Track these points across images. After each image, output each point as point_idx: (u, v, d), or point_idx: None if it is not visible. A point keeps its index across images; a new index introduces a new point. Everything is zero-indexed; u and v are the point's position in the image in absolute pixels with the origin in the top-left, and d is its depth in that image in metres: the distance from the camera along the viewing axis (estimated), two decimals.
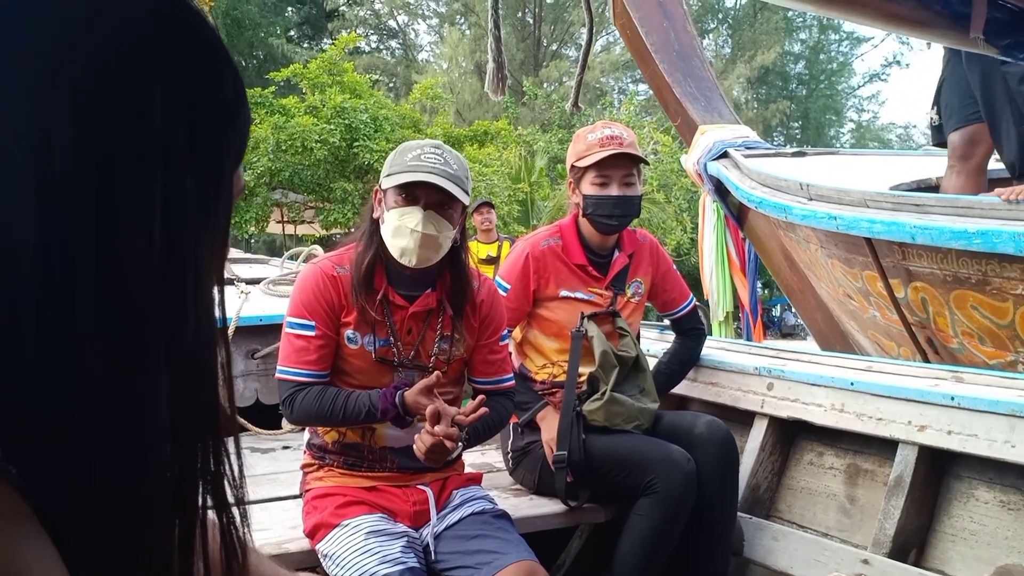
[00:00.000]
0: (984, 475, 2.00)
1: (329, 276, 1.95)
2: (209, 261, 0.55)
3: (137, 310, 0.49)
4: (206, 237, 0.54)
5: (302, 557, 1.94)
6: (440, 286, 2.01)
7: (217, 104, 0.56)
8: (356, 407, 1.89)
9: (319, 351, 1.92)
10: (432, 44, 32.44)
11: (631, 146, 2.38)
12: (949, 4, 1.87)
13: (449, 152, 1.94)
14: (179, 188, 0.51)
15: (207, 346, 0.55)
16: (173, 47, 0.52)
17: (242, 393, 3.16)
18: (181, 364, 0.52)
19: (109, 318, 0.48)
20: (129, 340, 0.49)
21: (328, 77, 14.10)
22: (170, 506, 0.52)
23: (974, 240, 2.46)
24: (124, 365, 0.48)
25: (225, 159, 0.57)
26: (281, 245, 16.82)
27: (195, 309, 0.53)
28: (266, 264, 4.16)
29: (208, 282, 0.55)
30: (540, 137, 18.56)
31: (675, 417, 2.42)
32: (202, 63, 0.55)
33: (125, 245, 0.48)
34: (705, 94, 4.28)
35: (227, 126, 0.57)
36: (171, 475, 0.52)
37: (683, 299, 2.65)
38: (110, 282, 0.48)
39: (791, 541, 2.27)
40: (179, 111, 0.51)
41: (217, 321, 0.57)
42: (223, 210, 0.57)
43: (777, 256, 4.00)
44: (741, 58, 29.23)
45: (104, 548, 0.48)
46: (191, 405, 0.53)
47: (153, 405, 0.50)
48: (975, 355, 2.74)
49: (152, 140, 0.50)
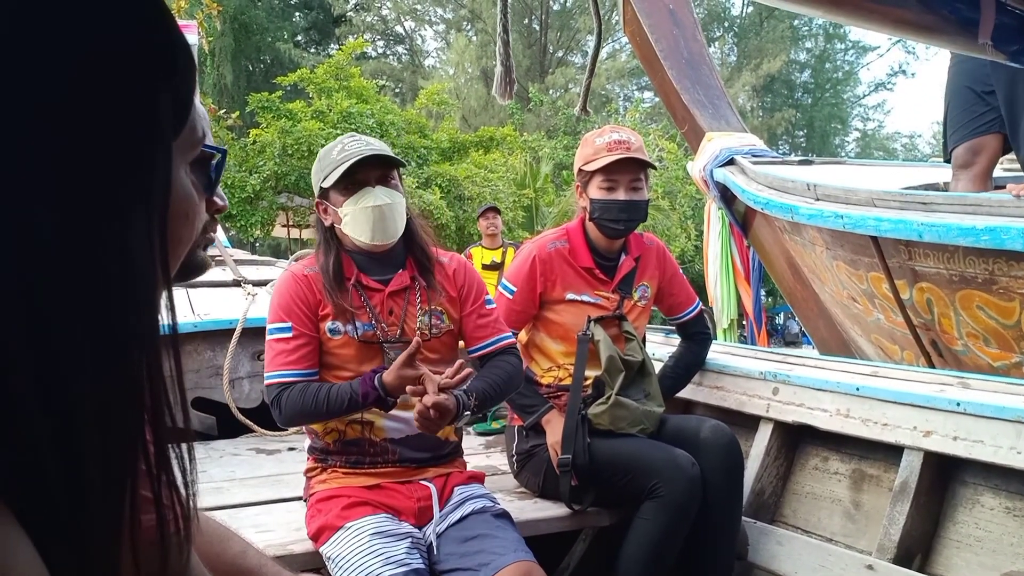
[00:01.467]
0: (990, 481, 2.00)
1: (300, 277, 2.01)
2: (143, 235, 0.50)
3: (57, 297, 0.45)
4: (136, 208, 0.49)
5: (306, 559, 1.95)
6: (409, 263, 2.06)
7: (142, 62, 0.50)
8: (339, 396, 1.89)
9: (299, 350, 1.95)
10: (438, 50, 32.57)
11: (639, 150, 2.39)
12: (957, 10, 1.87)
13: (363, 136, 2.04)
14: (100, 155, 0.47)
15: (139, 342, 0.50)
16: (86, 5, 0.48)
17: (248, 394, 3.17)
18: (107, 360, 0.48)
19: (33, 309, 0.45)
20: (53, 333, 0.45)
21: (335, 82, 14.16)
22: (109, 504, 0.50)
23: (982, 237, 2.45)
24: (51, 362, 0.45)
25: (157, 117, 0.51)
26: (286, 249, 16.85)
27: (122, 293, 0.49)
28: (272, 266, 4.17)
29: (139, 258, 0.50)
30: (545, 143, 18.59)
31: (680, 421, 2.42)
32: (121, 20, 0.50)
33: (38, 221, 0.45)
34: (713, 102, 4.29)
35: (158, 83, 0.51)
36: (101, 470, 0.49)
37: (689, 303, 2.65)
38: (30, 266, 0.45)
39: (795, 546, 2.26)
40: (94, 73, 0.47)
41: (155, 309, 0.52)
42: (158, 172, 0.51)
43: (781, 263, 4.00)
44: (747, 66, 29.25)
45: (64, 547, 0.47)
46: (122, 409, 0.49)
47: (82, 400, 0.47)
48: (979, 357, 2.72)
49: (63, 105, 0.46)
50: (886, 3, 1.88)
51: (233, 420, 3.05)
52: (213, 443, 3.07)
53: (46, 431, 0.46)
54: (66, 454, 0.47)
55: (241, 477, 2.63)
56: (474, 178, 14.01)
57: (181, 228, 0.57)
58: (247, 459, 2.88)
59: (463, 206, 13.46)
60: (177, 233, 0.56)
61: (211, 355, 3.07)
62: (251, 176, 12.92)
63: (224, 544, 0.94)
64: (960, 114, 3.18)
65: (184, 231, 0.59)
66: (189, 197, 0.58)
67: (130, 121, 0.50)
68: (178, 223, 0.56)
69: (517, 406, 2.42)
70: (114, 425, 0.49)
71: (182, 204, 0.56)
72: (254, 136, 13.32)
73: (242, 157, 13.08)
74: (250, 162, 13.12)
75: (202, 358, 3.15)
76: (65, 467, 0.47)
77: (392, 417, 1.99)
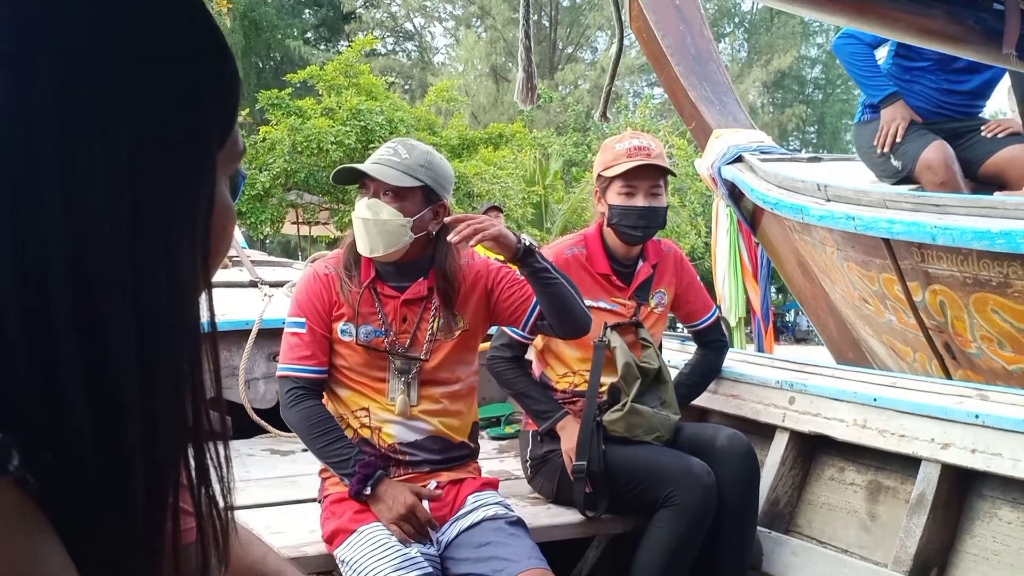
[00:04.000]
0: (1008, 495, 1.98)
1: (320, 275, 2.04)
2: (188, 245, 0.51)
3: (108, 300, 0.47)
4: (183, 217, 0.51)
5: (320, 561, 1.96)
6: (432, 274, 2.05)
7: (194, 71, 0.52)
8: (337, 453, 1.93)
9: (310, 347, 1.99)
10: (448, 47, 32.49)
11: (658, 157, 2.38)
12: (982, 19, 1.86)
13: (405, 144, 2.01)
14: (152, 164, 0.48)
15: (183, 344, 0.51)
16: (141, 14, 0.49)
17: (263, 395, 3.17)
18: (153, 362, 0.49)
19: (84, 310, 0.46)
20: (103, 334, 0.46)
21: (344, 79, 14.15)
22: (152, 506, 0.50)
23: (997, 240, 2.42)
24: (100, 360, 0.46)
25: (207, 128, 0.53)
26: (296, 246, 16.89)
27: (168, 299, 0.50)
28: (289, 267, 4.18)
29: (185, 267, 0.51)
30: (555, 140, 18.58)
31: (696, 429, 2.42)
32: (175, 28, 0.51)
33: (92, 229, 0.46)
34: (720, 98, 4.24)
35: (207, 93, 0.53)
36: (148, 477, 0.49)
37: (706, 311, 2.64)
38: (83, 271, 0.46)
39: (810, 557, 2.25)
40: (149, 81, 0.48)
41: (199, 320, 0.53)
42: (204, 183, 0.53)
43: (790, 262, 3.97)
44: (757, 62, 29.13)
45: (102, 552, 0.48)
46: (166, 406, 0.50)
47: (129, 404, 0.48)
48: (994, 360, 2.69)
49: (119, 113, 0.47)
50: (911, 12, 1.87)
51: (248, 420, 3.06)
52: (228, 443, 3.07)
53: (90, 428, 0.46)
54: (109, 454, 0.47)
55: (256, 478, 2.64)
56: (483, 175, 13.99)
57: (220, 239, 0.58)
58: (261, 460, 2.89)
59: (472, 203, 13.45)
60: (217, 243, 0.57)
61: (227, 355, 3.07)
62: (261, 173, 12.94)
63: (245, 547, 0.94)
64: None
65: (223, 243, 0.59)
66: (229, 209, 0.59)
67: (181, 126, 0.51)
68: (218, 234, 0.56)
69: (532, 411, 2.42)
70: (160, 426, 0.50)
71: (222, 216, 0.57)
72: (264, 133, 13.34)
73: (252, 154, 13.09)
74: (260, 159, 13.14)
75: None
76: (107, 468, 0.47)
77: (399, 423, 2.00)
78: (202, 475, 0.54)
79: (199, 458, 0.54)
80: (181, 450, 0.52)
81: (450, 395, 2.06)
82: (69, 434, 0.46)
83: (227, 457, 0.56)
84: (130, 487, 0.48)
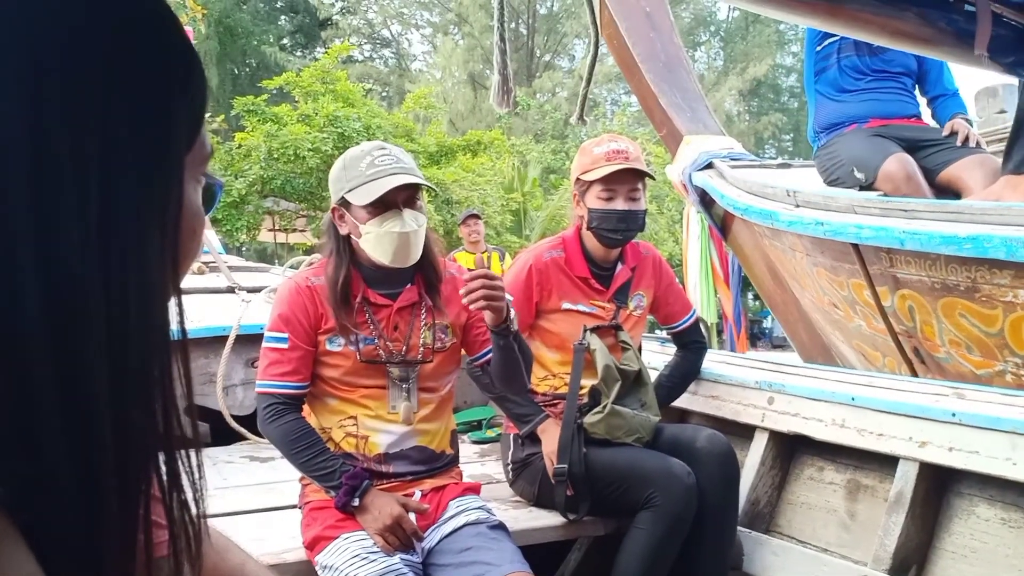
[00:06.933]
0: (985, 492, 2.01)
1: (304, 288, 1.97)
2: (157, 248, 0.51)
3: (77, 306, 0.46)
4: (152, 220, 0.51)
5: (300, 568, 1.94)
6: (418, 278, 2.03)
7: (161, 75, 0.52)
8: (321, 467, 1.89)
9: (293, 362, 1.93)
10: (425, 54, 32.48)
11: (637, 160, 2.39)
12: (954, 21, 1.89)
13: (393, 148, 1.97)
14: (120, 168, 0.48)
15: (153, 349, 0.51)
16: (108, 19, 0.49)
17: (241, 402, 3.15)
18: (123, 367, 0.49)
19: (53, 315, 0.45)
20: (72, 339, 0.46)
21: (321, 86, 14.08)
22: (125, 513, 0.50)
23: (964, 245, 2.43)
24: (69, 366, 0.46)
25: (175, 131, 0.53)
26: (272, 253, 16.78)
27: (138, 303, 0.49)
28: (267, 272, 4.15)
29: (154, 270, 0.51)
30: (533, 147, 18.62)
31: (676, 430, 2.42)
32: (141, 32, 0.51)
33: (61, 234, 0.46)
34: (691, 105, 4.27)
35: (175, 97, 0.53)
36: (120, 483, 0.49)
37: (685, 312, 2.65)
38: (52, 277, 0.45)
39: (791, 556, 2.26)
40: (116, 86, 0.48)
41: (168, 325, 0.53)
42: (173, 186, 0.53)
43: (760, 267, 3.99)
44: (733, 71, 29.35)
45: (74, 562, 0.47)
46: (137, 412, 0.50)
47: (100, 410, 0.47)
48: (962, 365, 2.72)
49: (86, 117, 0.47)
50: (884, 14, 1.89)
51: (226, 427, 3.03)
52: (206, 450, 3.04)
53: (60, 434, 0.46)
54: (80, 461, 0.47)
55: (235, 485, 2.61)
56: (462, 182, 13.98)
57: (189, 242, 0.57)
58: (240, 466, 2.86)
59: (451, 210, 13.43)
60: (186, 247, 0.56)
61: (205, 362, 3.04)
62: (237, 180, 12.83)
63: (223, 555, 0.93)
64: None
65: (192, 246, 0.59)
66: (198, 213, 0.58)
67: (149, 130, 0.50)
68: (187, 237, 0.56)
69: (513, 415, 2.41)
70: (131, 431, 0.50)
71: (191, 220, 0.56)
72: (240, 140, 13.24)
73: (227, 161, 13.00)
74: (236, 166, 13.03)
75: (195, 365, 3.09)
76: (78, 475, 0.47)
77: (387, 432, 1.98)
78: (174, 481, 0.54)
79: (170, 464, 0.54)
80: (152, 456, 0.52)
81: (436, 403, 2.06)
82: (38, 441, 0.45)
83: (199, 464, 0.56)
84: (102, 493, 0.48)
